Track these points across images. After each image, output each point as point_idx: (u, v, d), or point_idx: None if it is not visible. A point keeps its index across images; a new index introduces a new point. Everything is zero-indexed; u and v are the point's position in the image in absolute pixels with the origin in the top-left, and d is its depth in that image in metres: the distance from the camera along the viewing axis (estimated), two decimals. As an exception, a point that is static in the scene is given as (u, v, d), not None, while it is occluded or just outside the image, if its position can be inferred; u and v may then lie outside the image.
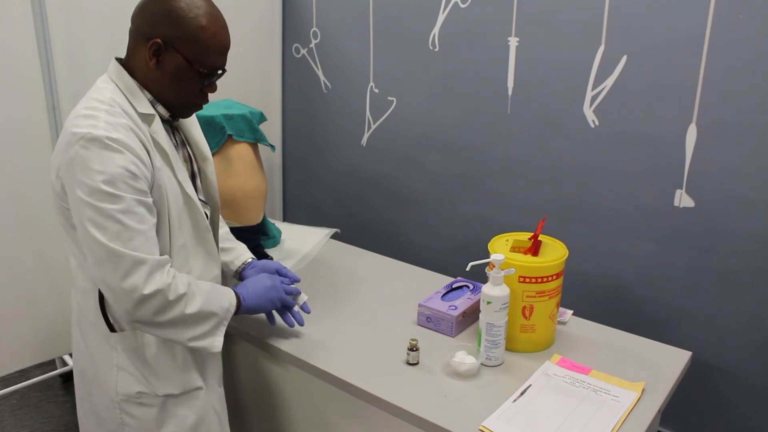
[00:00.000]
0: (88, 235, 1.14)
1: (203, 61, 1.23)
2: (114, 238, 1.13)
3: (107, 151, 1.13)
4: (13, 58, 1.85)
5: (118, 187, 1.13)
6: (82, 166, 1.12)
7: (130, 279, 1.14)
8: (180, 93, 1.26)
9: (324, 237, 2.06)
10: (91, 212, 1.13)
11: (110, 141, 1.13)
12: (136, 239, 1.15)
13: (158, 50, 1.21)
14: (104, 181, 1.12)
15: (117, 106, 1.20)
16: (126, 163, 1.14)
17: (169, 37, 1.20)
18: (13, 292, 1.99)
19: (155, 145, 1.23)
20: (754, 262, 1.74)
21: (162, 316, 1.18)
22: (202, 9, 1.21)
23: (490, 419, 1.24)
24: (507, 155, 2.13)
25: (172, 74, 1.23)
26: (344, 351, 1.47)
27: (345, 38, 2.44)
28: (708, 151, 1.75)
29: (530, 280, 1.42)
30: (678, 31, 1.72)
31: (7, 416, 2.41)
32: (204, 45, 1.21)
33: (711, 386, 1.88)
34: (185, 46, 1.21)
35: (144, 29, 1.22)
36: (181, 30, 1.20)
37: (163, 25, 1.20)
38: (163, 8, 1.21)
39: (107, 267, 1.14)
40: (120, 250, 1.13)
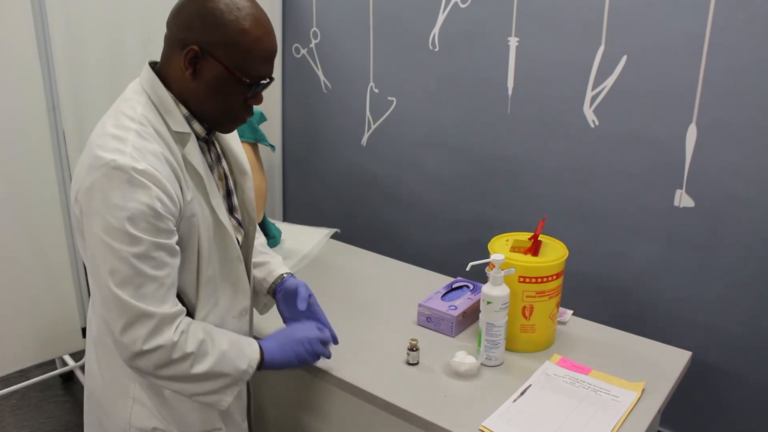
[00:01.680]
0: (98, 273, 1.05)
1: (246, 69, 1.09)
2: (123, 284, 1.03)
3: (131, 185, 1.01)
4: (13, 58, 1.85)
5: (138, 227, 1.02)
6: (102, 198, 1.02)
7: (132, 331, 1.05)
8: (221, 106, 1.13)
9: (324, 237, 2.06)
10: (105, 250, 1.03)
11: (136, 173, 1.01)
12: (148, 286, 1.04)
13: (195, 58, 1.08)
14: (123, 218, 1.01)
15: (148, 125, 1.08)
16: (150, 200, 1.02)
17: (207, 43, 1.07)
18: (13, 292, 1.99)
19: (188, 169, 1.12)
20: (754, 262, 1.74)
21: (163, 371, 1.09)
22: (243, 10, 1.08)
23: (490, 419, 1.24)
24: (507, 155, 2.13)
25: (211, 85, 1.10)
26: (344, 351, 1.47)
27: (345, 38, 2.44)
28: (708, 151, 1.75)
29: (530, 280, 1.42)
30: (678, 31, 1.72)
31: (7, 416, 2.41)
32: (246, 51, 1.08)
33: (711, 386, 1.88)
34: (225, 53, 1.07)
35: (179, 35, 1.09)
36: (220, 35, 1.06)
37: (199, 29, 1.07)
38: (199, 10, 1.08)
39: (112, 312, 1.05)
40: (126, 299, 1.03)
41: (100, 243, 1.03)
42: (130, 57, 2.14)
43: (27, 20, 1.85)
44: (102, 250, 1.03)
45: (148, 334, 1.05)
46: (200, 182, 1.14)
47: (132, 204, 1.01)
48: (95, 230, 1.03)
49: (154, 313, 1.05)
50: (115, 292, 1.03)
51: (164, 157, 1.07)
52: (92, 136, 1.09)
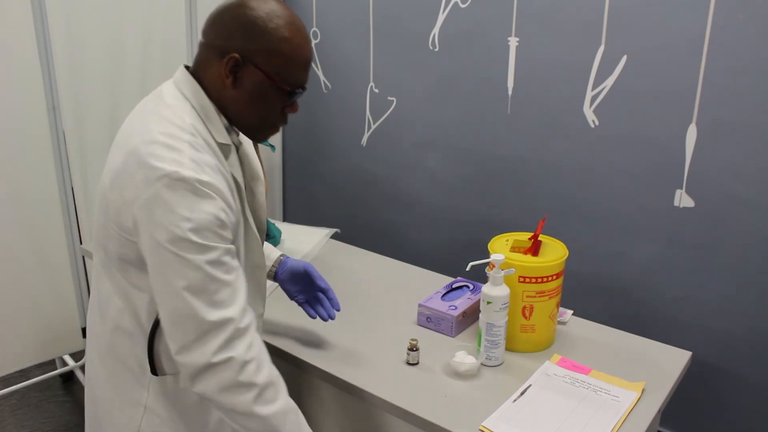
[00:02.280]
0: (168, 285, 1.01)
1: (286, 76, 1.09)
2: (198, 292, 1.00)
3: (196, 196, 1.00)
4: (13, 58, 1.86)
5: (206, 237, 1.00)
6: (166, 210, 0.99)
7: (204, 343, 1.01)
8: (259, 114, 1.13)
9: (324, 237, 2.06)
10: (174, 261, 1.00)
11: (200, 185, 1.00)
12: (222, 292, 1.02)
13: (236, 66, 1.07)
14: (191, 229, 0.99)
15: (198, 136, 1.06)
16: (216, 210, 1.01)
17: (248, 51, 1.07)
18: (13, 292, 1.99)
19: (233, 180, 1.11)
20: (754, 262, 1.74)
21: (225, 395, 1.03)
22: (283, 18, 1.08)
23: (490, 419, 1.24)
24: (507, 155, 2.13)
25: (252, 93, 1.09)
26: (344, 351, 1.47)
27: (345, 38, 2.44)
28: (708, 151, 1.75)
29: (530, 280, 1.42)
30: (678, 32, 1.72)
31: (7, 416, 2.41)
32: (287, 58, 1.08)
33: (711, 386, 1.88)
34: (266, 61, 1.07)
35: (217, 43, 1.08)
36: (262, 42, 1.06)
37: (239, 37, 1.07)
38: (239, 18, 1.07)
39: (183, 324, 1.01)
40: (201, 307, 1.01)
41: (169, 254, 1.00)
42: (130, 57, 2.15)
43: (27, 20, 1.85)
44: (172, 261, 1.00)
45: (220, 345, 1.02)
46: (240, 193, 1.15)
47: (199, 215, 1.00)
48: (162, 242, 1.00)
49: (229, 319, 1.03)
50: (190, 302, 1.01)
51: (218, 168, 1.06)
52: (135, 142, 1.04)
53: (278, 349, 1.50)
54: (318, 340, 1.52)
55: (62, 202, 2.03)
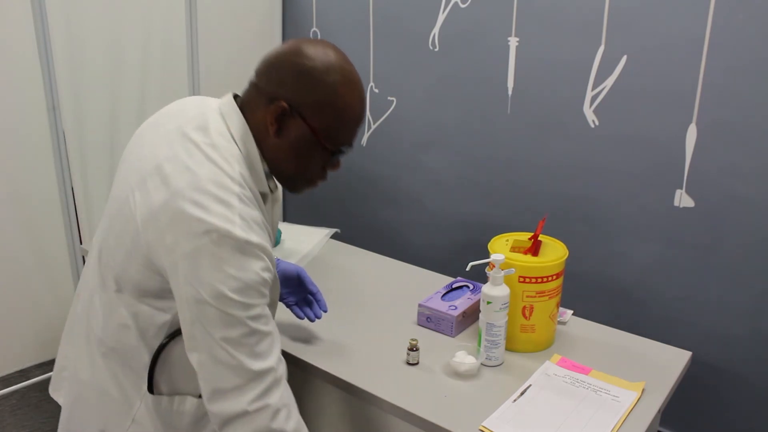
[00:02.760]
0: (208, 335, 0.98)
1: (333, 135, 1.06)
2: (240, 345, 0.99)
3: (245, 256, 0.97)
4: (13, 58, 1.86)
5: (250, 296, 0.99)
6: (213, 267, 0.96)
7: (242, 392, 1.00)
8: (299, 167, 1.09)
9: (324, 237, 2.06)
10: (217, 315, 0.97)
11: (249, 245, 0.97)
12: (263, 343, 1.01)
13: (282, 115, 1.04)
14: (237, 288, 0.97)
15: (246, 187, 1.02)
16: (262, 269, 1.00)
17: (298, 103, 1.03)
18: (13, 292, 1.99)
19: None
20: (754, 262, 1.74)
21: None
22: (341, 73, 1.04)
23: (490, 419, 1.24)
24: (507, 155, 2.13)
25: (294, 145, 1.06)
26: (344, 351, 1.47)
27: (345, 38, 2.44)
28: (708, 151, 1.75)
29: (530, 280, 1.42)
30: (678, 32, 1.72)
31: (7, 416, 2.41)
32: (337, 117, 1.04)
33: (711, 386, 1.88)
34: (315, 116, 1.03)
35: (268, 87, 1.05)
36: (313, 96, 1.02)
37: (292, 87, 1.03)
38: (294, 66, 1.03)
39: (221, 375, 0.99)
40: (243, 360, 0.99)
41: (210, 307, 0.98)
42: (130, 57, 2.15)
43: (27, 20, 1.85)
44: (213, 315, 0.98)
45: (258, 394, 1.01)
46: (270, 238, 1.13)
47: (246, 274, 0.98)
48: (204, 297, 0.98)
49: (269, 369, 1.02)
50: (231, 353, 0.99)
51: (263, 223, 1.04)
52: (180, 184, 0.98)
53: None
54: (318, 339, 1.52)
55: (62, 202, 2.03)
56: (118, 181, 1.15)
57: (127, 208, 1.06)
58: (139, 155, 1.11)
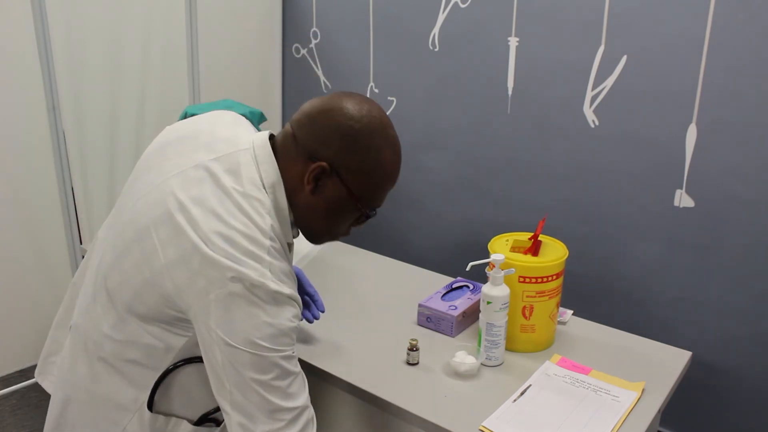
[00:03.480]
0: (241, 377, 0.98)
1: (371, 198, 1.05)
2: (273, 389, 0.99)
3: (278, 304, 0.98)
4: (13, 58, 1.86)
5: (281, 342, 0.99)
6: (247, 315, 0.96)
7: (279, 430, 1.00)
8: (329, 225, 1.09)
9: (324, 237, 2.05)
10: (249, 358, 0.97)
11: (281, 296, 0.98)
12: (294, 384, 1.02)
13: (321, 174, 1.02)
14: (269, 335, 0.97)
15: (276, 241, 1.00)
16: (294, 316, 1.00)
17: (339, 164, 1.01)
18: (13, 292, 1.99)
19: None
20: (754, 261, 1.74)
21: None
22: (384, 138, 1.02)
23: (490, 419, 1.24)
24: (507, 155, 2.13)
25: (329, 204, 1.04)
26: (344, 351, 1.47)
27: (345, 38, 2.44)
28: (708, 151, 1.75)
29: (530, 280, 1.41)
30: (678, 32, 1.72)
31: (7, 416, 2.41)
32: (377, 182, 1.03)
33: (711, 386, 1.88)
34: (356, 179, 1.02)
35: (309, 144, 1.02)
36: (357, 160, 1.01)
37: (336, 147, 1.00)
38: (340, 127, 1.01)
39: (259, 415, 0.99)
40: (278, 403, 0.99)
41: (243, 353, 0.97)
42: (130, 57, 2.15)
43: (27, 20, 1.85)
44: (245, 358, 0.97)
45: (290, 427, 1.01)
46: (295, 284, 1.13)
47: (280, 321, 0.98)
48: (234, 343, 0.97)
49: (302, 407, 1.03)
50: (265, 396, 0.99)
51: (292, 275, 1.03)
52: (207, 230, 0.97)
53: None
54: (318, 340, 1.52)
55: (62, 202, 2.03)
56: (137, 200, 1.09)
57: (149, 240, 1.03)
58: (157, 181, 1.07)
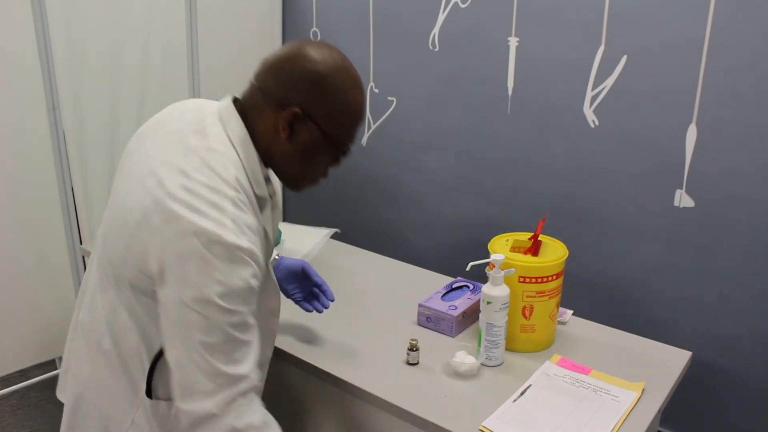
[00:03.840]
0: (187, 338, 0.99)
1: (343, 137, 1.08)
2: (216, 351, 0.99)
3: (232, 262, 0.97)
4: (13, 58, 1.85)
5: (234, 302, 0.99)
6: (201, 270, 0.96)
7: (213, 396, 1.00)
8: (308, 169, 1.11)
9: (324, 237, 2.06)
10: (197, 319, 0.98)
11: (239, 251, 0.97)
12: (239, 351, 1.02)
13: (295, 120, 1.05)
14: (221, 294, 0.97)
15: (242, 192, 1.02)
16: (249, 276, 0.99)
17: (311, 108, 1.04)
18: (13, 292, 1.99)
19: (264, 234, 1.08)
20: (754, 262, 1.74)
21: None
22: (348, 78, 1.06)
23: (490, 419, 1.24)
24: (507, 155, 2.13)
25: (305, 148, 1.07)
26: (344, 351, 1.47)
27: (345, 38, 2.44)
28: (708, 151, 1.75)
29: (530, 280, 1.42)
30: (678, 32, 1.72)
31: (7, 416, 2.41)
32: (348, 121, 1.07)
33: (711, 386, 1.88)
34: (327, 120, 1.05)
35: (278, 92, 1.05)
36: (326, 101, 1.04)
37: (305, 92, 1.04)
38: (305, 73, 1.04)
39: (194, 377, 1.00)
40: (218, 366, 0.99)
41: (192, 312, 0.98)
42: (130, 57, 2.15)
43: (27, 20, 1.85)
44: (193, 319, 0.98)
45: (228, 398, 1.01)
46: (267, 244, 1.13)
47: (232, 280, 0.98)
48: (186, 300, 0.98)
49: (242, 376, 1.02)
50: (207, 358, 0.99)
51: (257, 229, 1.04)
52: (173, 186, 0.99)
53: (278, 348, 1.50)
54: (318, 339, 1.52)
55: (62, 202, 2.03)
56: (117, 185, 1.15)
57: (123, 210, 1.06)
58: (136, 159, 1.11)
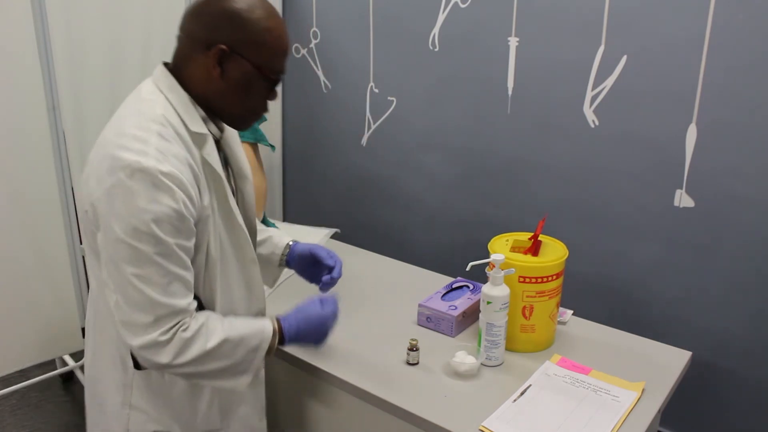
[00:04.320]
0: (122, 276, 1.04)
1: (272, 65, 1.13)
2: (151, 283, 1.04)
3: (156, 187, 1.01)
4: (13, 58, 1.85)
5: (163, 230, 1.02)
6: (126, 200, 1.01)
7: (156, 327, 1.06)
8: (246, 102, 1.15)
9: (324, 237, 2.05)
10: (128, 252, 1.02)
11: (162, 176, 1.01)
12: (175, 284, 1.06)
13: (222, 57, 1.09)
14: (149, 221, 1.01)
15: (169, 127, 1.07)
16: (176, 203, 1.02)
17: (235, 43, 1.08)
18: (13, 292, 1.99)
19: (207, 171, 1.12)
20: (754, 262, 1.74)
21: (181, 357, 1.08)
22: (264, 9, 1.10)
23: (490, 419, 1.24)
24: (507, 155, 2.13)
25: (239, 83, 1.11)
26: (344, 351, 1.47)
27: (345, 38, 2.44)
28: (708, 151, 1.75)
29: (530, 280, 1.42)
30: (678, 32, 1.72)
31: (7, 416, 2.41)
32: (272, 48, 1.11)
33: (711, 386, 1.88)
34: (253, 51, 1.09)
35: (201, 35, 1.09)
36: (248, 34, 1.08)
37: (225, 29, 1.08)
38: (222, 11, 1.09)
39: (135, 311, 1.05)
40: (154, 297, 1.04)
41: (124, 245, 1.02)
42: (130, 57, 2.14)
43: (27, 20, 1.85)
44: (126, 252, 1.02)
45: (169, 328, 1.07)
46: (219, 183, 1.15)
47: (157, 207, 1.01)
48: (118, 233, 1.02)
49: (181, 309, 1.07)
50: (142, 289, 1.04)
51: (185, 160, 1.07)
52: (108, 136, 1.07)
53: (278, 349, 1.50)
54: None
55: (62, 202, 2.03)
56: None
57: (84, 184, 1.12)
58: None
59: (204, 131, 1.13)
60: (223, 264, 1.18)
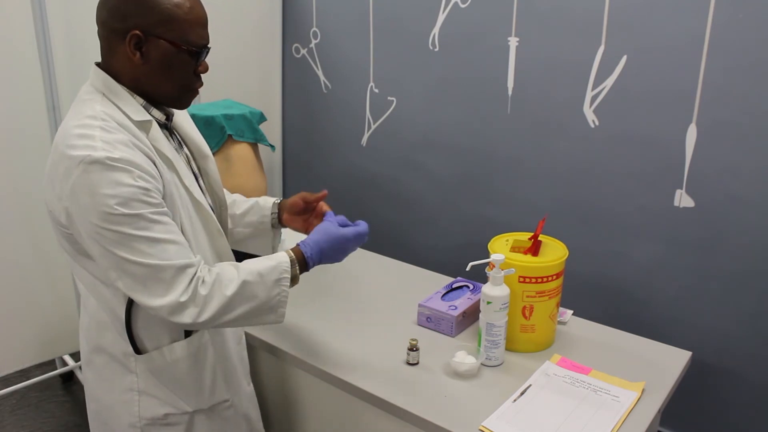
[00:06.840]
0: (118, 259, 1.07)
1: (188, 39, 1.13)
2: (146, 255, 1.07)
3: (112, 172, 1.04)
4: (13, 58, 1.86)
5: (134, 207, 1.05)
6: (89, 193, 1.04)
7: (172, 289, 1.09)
8: (174, 81, 1.16)
9: (324, 237, 2.05)
10: (114, 236, 1.05)
11: (113, 161, 1.04)
12: (169, 248, 1.09)
13: (139, 42, 1.11)
14: (118, 204, 1.04)
15: (110, 120, 1.10)
16: (134, 180, 1.06)
17: (146, 25, 1.10)
18: (13, 292, 1.99)
19: (158, 155, 1.15)
20: (754, 262, 1.74)
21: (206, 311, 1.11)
22: None
23: (490, 419, 1.24)
24: (507, 155, 2.13)
25: (162, 64, 1.13)
26: (344, 351, 1.47)
27: (345, 38, 2.44)
28: (708, 151, 1.75)
29: (530, 280, 1.42)
30: (678, 32, 1.72)
31: (7, 416, 2.41)
32: (184, 21, 1.12)
33: (711, 386, 1.88)
34: (166, 29, 1.11)
35: (115, 25, 1.12)
36: (156, 14, 1.10)
37: (134, 14, 1.10)
38: None
39: (145, 285, 1.08)
40: (157, 263, 1.07)
41: (107, 231, 1.05)
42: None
43: (27, 20, 1.85)
44: (112, 237, 1.05)
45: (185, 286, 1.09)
46: (171, 165, 1.18)
47: (120, 189, 1.04)
48: (96, 223, 1.05)
49: (186, 264, 1.10)
50: (142, 263, 1.07)
51: (133, 145, 1.10)
52: (57, 141, 1.11)
53: (278, 348, 1.50)
54: (318, 339, 1.52)
55: (62, 202, 2.03)
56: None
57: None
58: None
59: (146, 118, 1.15)
60: (197, 240, 1.21)
